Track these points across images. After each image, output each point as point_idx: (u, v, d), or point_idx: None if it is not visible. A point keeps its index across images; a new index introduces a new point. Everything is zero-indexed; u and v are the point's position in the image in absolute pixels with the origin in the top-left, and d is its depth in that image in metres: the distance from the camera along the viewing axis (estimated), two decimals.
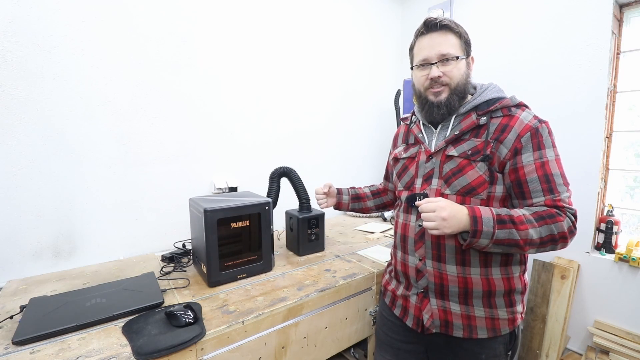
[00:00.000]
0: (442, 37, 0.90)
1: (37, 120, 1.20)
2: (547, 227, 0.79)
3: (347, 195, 1.32)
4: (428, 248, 0.92)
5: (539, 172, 0.83)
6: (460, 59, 0.90)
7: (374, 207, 1.33)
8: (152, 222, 1.48)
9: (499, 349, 0.91)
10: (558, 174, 0.83)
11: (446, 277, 0.90)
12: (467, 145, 0.89)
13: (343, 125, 2.17)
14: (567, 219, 0.80)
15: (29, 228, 1.22)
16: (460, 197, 0.88)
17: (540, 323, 1.69)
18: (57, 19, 1.20)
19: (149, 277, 1.15)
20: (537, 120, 0.86)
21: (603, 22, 1.50)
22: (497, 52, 1.88)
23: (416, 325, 0.97)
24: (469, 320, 0.89)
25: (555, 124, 1.64)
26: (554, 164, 0.84)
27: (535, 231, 0.79)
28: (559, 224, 0.79)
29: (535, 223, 0.79)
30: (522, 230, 0.78)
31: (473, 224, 0.79)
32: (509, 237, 0.79)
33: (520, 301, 0.92)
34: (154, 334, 0.83)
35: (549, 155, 0.84)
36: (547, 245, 0.81)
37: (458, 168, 0.89)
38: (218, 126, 1.63)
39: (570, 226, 0.80)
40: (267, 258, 1.23)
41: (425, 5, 2.22)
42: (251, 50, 1.70)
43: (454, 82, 0.90)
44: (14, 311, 0.94)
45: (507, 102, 0.89)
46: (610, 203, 1.62)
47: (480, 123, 0.88)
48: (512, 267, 0.90)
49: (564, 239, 0.80)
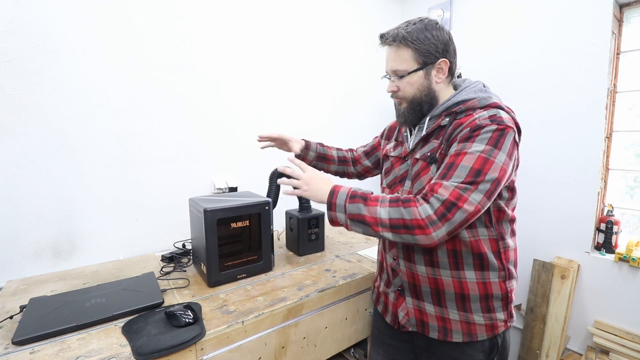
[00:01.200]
0: (394, 52, 0.89)
1: (37, 120, 1.20)
2: (397, 209, 0.76)
3: (313, 152, 1.25)
4: (399, 248, 0.93)
5: (448, 160, 0.78)
6: (413, 72, 0.87)
7: (334, 172, 1.31)
8: (152, 222, 1.48)
9: (478, 356, 0.88)
10: (466, 167, 0.74)
11: (418, 277, 0.90)
12: (427, 148, 0.89)
13: (343, 125, 2.17)
14: (424, 205, 0.74)
15: (29, 228, 1.22)
16: None
17: (540, 323, 1.69)
18: (57, 19, 1.20)
19: (148, 277, 1.15)
20: (490, 119, 0.78)
21: (603, 22, 1.50)
22: (497, 52, 1.88)
23: (393, 321, 0.98)
24: (444, 323, 0.89)
25: (555, 124, 1.67)
26: (470, 157, 0.74)
27: (384, 210, 0.77)
28: (411, 209, 0.74)
29: (387, 203, 0.78)
30: (371, 206, 0.78)
31: (330, 196, 0.84)
32: (357, 211, 0.80)
33: (502, 309, 0.88)
34: (153, 334, 0.83)
35: (473, 148, 0.75)
36: (400, 230, 0.75)
37: (419, 171, 0.90)
38: (218, 126, 1.63)
39: (430, 214, 0.72)
40: (267, 258, 1.23)
41: (425, 5, 2.22)
42: (251, 50, 1.70)
43: (408, 96, 0.90)
44: (13, 311, 0.94)
45: (472, 104, 0.85)
46: (610, 203, 1.62)
47: (442, 124, 0.87)
48: (490, 272, 0.85)
49: (421, 227, 0.73)
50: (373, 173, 1.29)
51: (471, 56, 1.96)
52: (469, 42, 1.98)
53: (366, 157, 1.27)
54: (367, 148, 1.28)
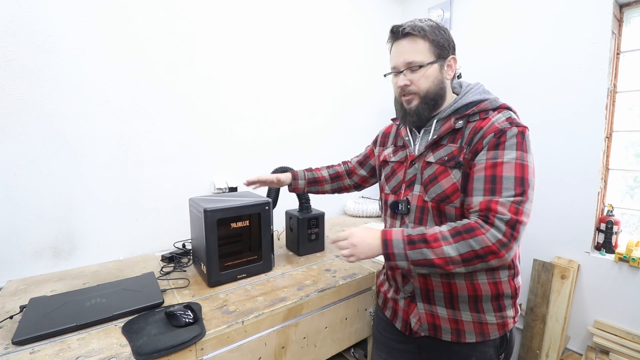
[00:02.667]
0: (409, 44, 0.87)
1: (37, 120, 1.20)
2: (464, 242, 0.73)
3: (303, 180, 1.27)
4: None
5: (487, 172, 0.77)
6: (429, 65, 0.86)
7: (331, 190, 1.31)
8: (152, 222, 1.48)
9: (489, 353, 0.90)
10: (510, 177, 0.75)
11: (431, 282, 0.89)
12: (443, 151, 0.87)
13: (343, 125, 2.17)
14: (491, 230, 0.72)
15: (29, 228, 1.22)
16: (436, 204, 0.86)
17: (540, 323, 1.69)
18: (57, 19, 1.20)
19: (148, 277, 1.15)
20: (508, 122, 0.80)
21: (603, 22, 1.50)
22: (497, 52, 1.88)
23: (404, 328, 0.97)
24: (457, 325, 0.89)
25: (555, 124, 1.67)
26: (509, 166, 0.76)
27: (451, 248, 0.74)
28: (478, 238, 0.72)
29: (451, 239, 0.74)
30: (436, 248, 0.74)
31: (384, 247, 0.79)
32: (422, 257, 0.76)
33: (511, 305, 0.89)
34: (153, 334, 0.83)
35: (507, 156, 0.76)
36: (473, 262, 0.73)
37: (434, 175, 0.87)
38: (218, 126, 1.63)
39: (500, 238, 0.71)
40: (267, 258, 1.23)
41: (425, 5, 2.22)
42: (251, 50, 1.70)
43: (422, 90, 0.87)
44: (13, 311, 0.94)
45: (485, 105, 0.85)
46: (610, 203, 1.62)
47: (456, 127, 0.86)
48: (500, 272, 0.86)
49: (494, 253, 0.72)
50: (370, 182, 1.28)
51: (471, 56, 1.96)
52: (468, 42, 1.98)
53: (361, 166, 1.25)
54: (360, 158, 1.27)
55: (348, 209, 2.17)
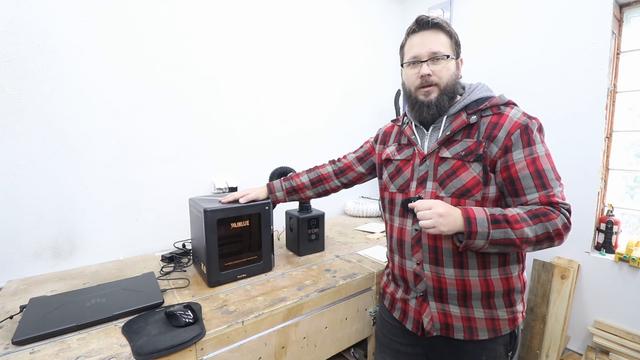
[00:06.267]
0: (434, 36, 0.89)
1: (37, 120, 1.20)
2: (542, 224, 0.79)
3: (280, 191, 1.25)
4: (425, 252, 0.91)
5: (530, 169, 0.82)
6: (450, 58, 0.90)
7: (315, 195, 1.27)
8: (152, 222, 1.48)
9: (499, 350, 0.91)
10: (549, 169, 0.83)
11: (444, 281, 0.89)
12: (460, 146, 0.88)
13: (343, 125, 2.17)
14: (561, 215, 0.80)
15: (29, 228, 1.22)
16: (455, 199, 0.87)
17: (540, 323, 1.69)
18: (57, 19, 1.20)
19: (148, 277, 1.15)
20: (526, 117, 0.85)
21: (603, 22, 1.50)
22: (497, 52, 1.88)
23: (416, 328, 0.96)
24: (469, 322, 0.89)
25: (555, 124, 1.67)
26: (544, 159, 0.83)
27: (530, 229, 0.78)
28: (553, 221, 0.79)
29: (530, 221, 0.79)
30: (518, 229, 0.78)
31: (467, 225, 0.79)
32: (504, 236, 0.78)
33: (520, 300, 0.92)
34: (153, 334, 0.83)
35: (539, 150, 0.83)
36: (543, 243, 0.81)
37: (452, 170, 0.88)
38: (218, 126, 1.63)
39: (565, 222, 0.80)
40: (267, 258, 1.23)
41: (425, 5, 2.22)
42: (251, 50, 1.70)
43: (443, 81, 0.89)
44: (13, 311, 0.94)
45: (496, 101, 0.89)
46: (610, 203, 1.62)
47: (471, 122, 0.88)
48: (511, 267, 0.89)
49: (560, 235, 0.80)
50: (364, 180, 1.24)
51: (471, 56, 1.95)
52: (468, 42, 1.97)
53: (359, 162, 1.21)
54: (359, 153, 1.22)
55: (348, 209, 2.17)
